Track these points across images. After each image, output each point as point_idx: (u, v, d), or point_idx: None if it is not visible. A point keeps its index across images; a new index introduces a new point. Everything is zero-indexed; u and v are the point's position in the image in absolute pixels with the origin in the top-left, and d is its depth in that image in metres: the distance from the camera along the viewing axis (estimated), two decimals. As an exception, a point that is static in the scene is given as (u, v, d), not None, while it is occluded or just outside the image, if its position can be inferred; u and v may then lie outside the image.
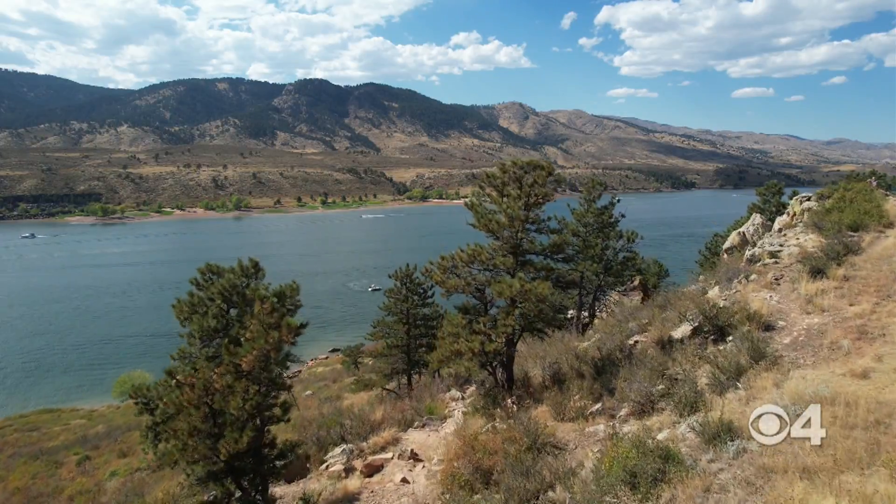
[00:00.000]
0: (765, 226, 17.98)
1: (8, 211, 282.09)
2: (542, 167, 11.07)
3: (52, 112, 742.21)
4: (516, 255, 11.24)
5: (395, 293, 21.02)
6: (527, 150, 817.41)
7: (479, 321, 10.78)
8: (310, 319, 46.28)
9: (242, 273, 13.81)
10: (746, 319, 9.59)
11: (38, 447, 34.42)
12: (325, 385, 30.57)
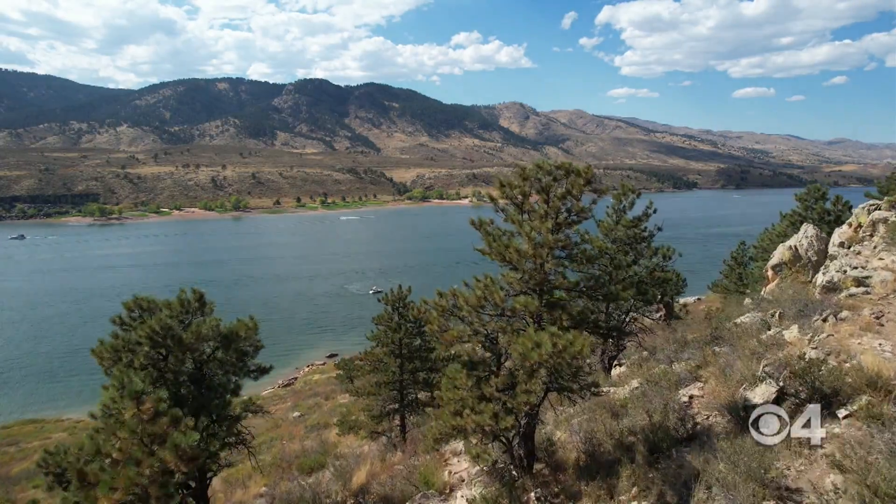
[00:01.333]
0: (820, 238, 15.32)
1: (5, 211, 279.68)
2: (577, 172, 8.16)
3: (51, 112, 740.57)
4: (542, 293, 8.45)
5: (385, 320, 17.81)
6: (527, 151, 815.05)
7: (489, 381, 7.98)
8: (308, 323, 44.38)
9: (182, 309, 11.10)
10: (866, 385, 6.91)
11: (6, 471, 32.01)
12: (315, 404, 28.04)
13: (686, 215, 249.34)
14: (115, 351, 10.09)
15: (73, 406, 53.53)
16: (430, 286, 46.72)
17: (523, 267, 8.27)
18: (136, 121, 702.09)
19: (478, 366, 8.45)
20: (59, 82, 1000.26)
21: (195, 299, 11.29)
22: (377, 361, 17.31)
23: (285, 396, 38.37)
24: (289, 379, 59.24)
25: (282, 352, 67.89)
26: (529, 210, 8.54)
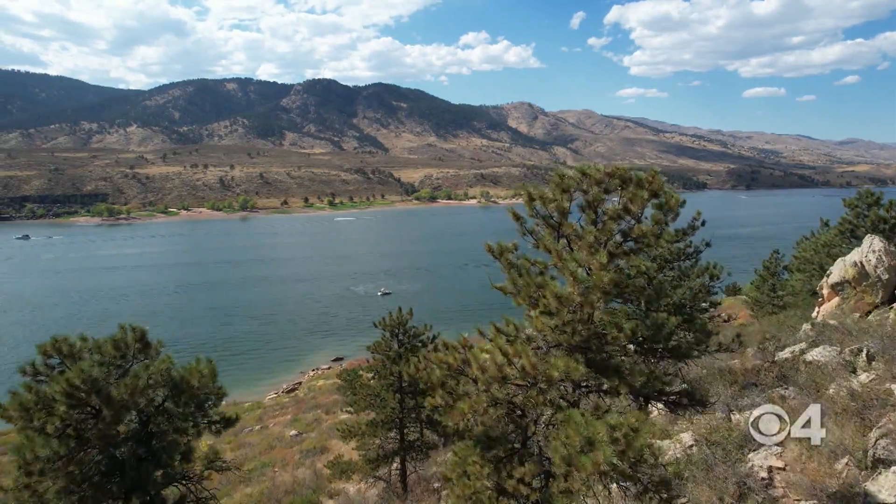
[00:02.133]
0: (889, 252, 13.11)
1: (15, 211, 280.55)
2: (638, 181, 5.87)
3: (62, 112, 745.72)
4: (589, 351, 6.27)
5: (382, 348, 15.66)
6: (536, 151, 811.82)
7: (513, 468, 5.78)
8: (313, 326, 42.61)
9: (117, 353, 8.85)
10: None
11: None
12: (315, 419, 26.23)
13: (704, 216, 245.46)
14: (26, 409, 7.78)
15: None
16: (439, 289, 45.65)
17: (563, 317, 6.12)
18: (145, 121, 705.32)
19: (497, 443, 6.23)
20: (71, 83, 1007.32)
21: (135, 339, 9.18)
22: (374, 396, 15.09)
23: (287, 406, 36.52)
24: (293, 384, 57.56)
25: (286, 355, 66.33)
26: (570, 234, 6.39)
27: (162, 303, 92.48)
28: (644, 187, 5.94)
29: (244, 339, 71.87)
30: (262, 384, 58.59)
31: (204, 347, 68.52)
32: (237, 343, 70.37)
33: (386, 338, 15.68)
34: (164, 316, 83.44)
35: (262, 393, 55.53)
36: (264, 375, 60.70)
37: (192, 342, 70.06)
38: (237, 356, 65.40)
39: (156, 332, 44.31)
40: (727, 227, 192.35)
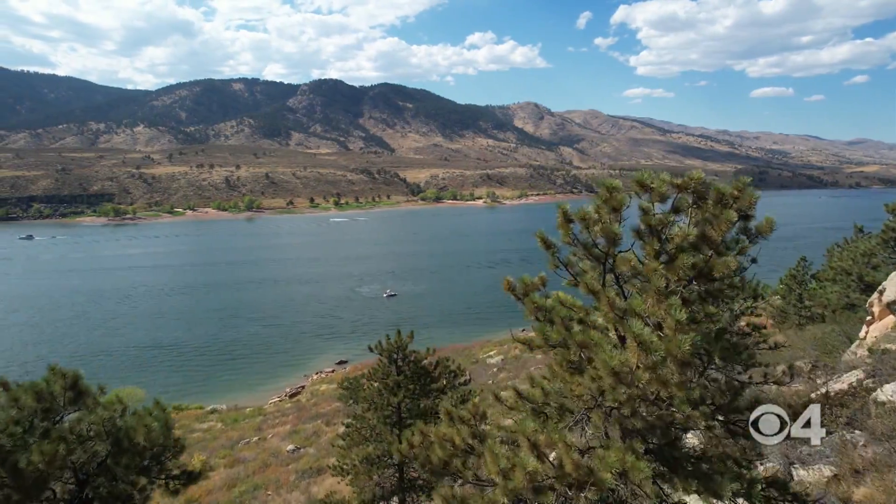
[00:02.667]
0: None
1: (22, 211, 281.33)
2: (720, 195, 4.09)
3: (71, 113, 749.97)
4: (653, 436, 4.27)
5: (379, 376, 14.05)
6: (542, 151, 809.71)
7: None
8: (317, 328, 41.51)
9: (39, 405, 7.06)
10: None
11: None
12: (314, 431, 24.96)
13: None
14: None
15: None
16: (445, 291, 44.26)
17: (618, 396, 4.39)
18: (152, 121, 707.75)
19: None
20: (79, 83, 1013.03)
21: (64, 387, 7.51)
22: (369, 430, 13.53)
23: (288, 412, 35.26)
24: (296, 387, 56.39)
25: (290, 358, 65.19)
26: (624, 272, 4.82)
27: (165, 304, 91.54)
28: (729, 205, 4.44)
29: (247, 342, 70.78)
30: (265, 388, 57.45)
31: (207, 350, 67.70)
32: (240, 345, 69.30)
33: (383, 364, 14.17)
34: (167, 317, 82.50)
35: (264, 397, 54.42)
36: (267, 379, 59.58)
37: (195, 344, 69.16)
38: (240, 359, 64.38)
39: (159, 333, 44.15)
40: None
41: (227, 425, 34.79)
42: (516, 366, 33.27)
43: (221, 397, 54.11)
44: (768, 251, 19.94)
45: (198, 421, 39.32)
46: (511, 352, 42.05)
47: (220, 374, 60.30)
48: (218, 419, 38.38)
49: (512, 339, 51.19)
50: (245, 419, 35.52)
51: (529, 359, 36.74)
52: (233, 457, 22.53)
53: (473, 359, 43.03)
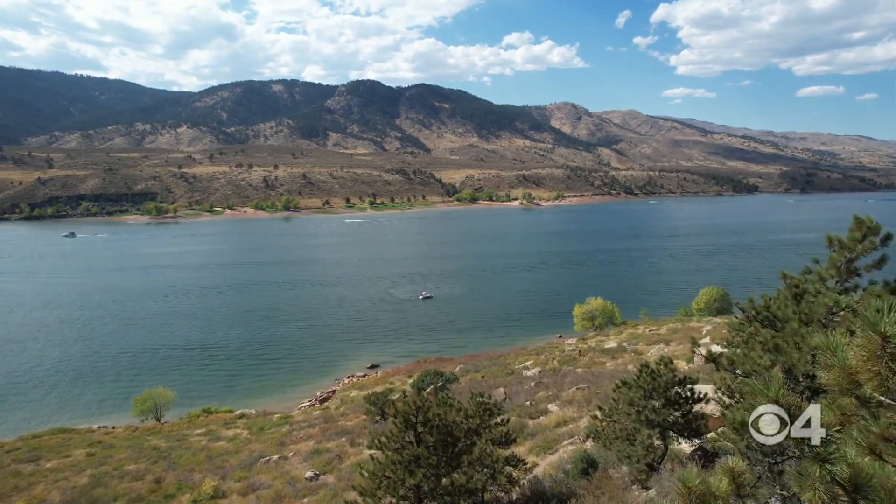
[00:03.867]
0: None
1: (71, 209, 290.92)
2: None
3: (119, 114, 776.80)
4: None
5: (393, 443, 10.52)
6: (579, 152, 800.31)
7: None
8: (350, 330, 40.18)
9: None
10: None
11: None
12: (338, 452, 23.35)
13: (750, 220, 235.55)
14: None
15: (105, 413, 51.36)
16: (480, 294, 42.13)
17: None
18: (195, 122, 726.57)
19: None
20: (128, 86, 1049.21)
21: None
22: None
23: (314, 423, 33.82)
24: (327, 392, 55.28)
25: (322, 362, 64.17)
26: None
27: (201, 303, 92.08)
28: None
29: (280, 344, 70.21)
30: (296, 391, 56.54)
31: (240, 351, 67.17)
32: (273, 347, 68.74)
33: (398, 426, 10.71)
34: (202, 317, 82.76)
35: (295, 400, 53.48)
36: (298, 382, 58.70)
37: (228, 345, 68.82)
38: (272, 362, 63.70)
39: (193, 333, 43.21)
40: (789, 233, 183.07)
41: (252, 433, 33.63)
42: (554, 379, 31.14)
43: (252, 400, 53.39)
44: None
45: (225, 426, 38.33)
46: (549, 363, 39.89)
47: (252, 377, 59.70)
48: (245, 425, 37.31)
49: (546, 347, 48.13)
50: (271, 427, 34.30)
51: (568, 371, 34.55)
52: (248, 481, 21.13)
53: (509, 369, 40.99)
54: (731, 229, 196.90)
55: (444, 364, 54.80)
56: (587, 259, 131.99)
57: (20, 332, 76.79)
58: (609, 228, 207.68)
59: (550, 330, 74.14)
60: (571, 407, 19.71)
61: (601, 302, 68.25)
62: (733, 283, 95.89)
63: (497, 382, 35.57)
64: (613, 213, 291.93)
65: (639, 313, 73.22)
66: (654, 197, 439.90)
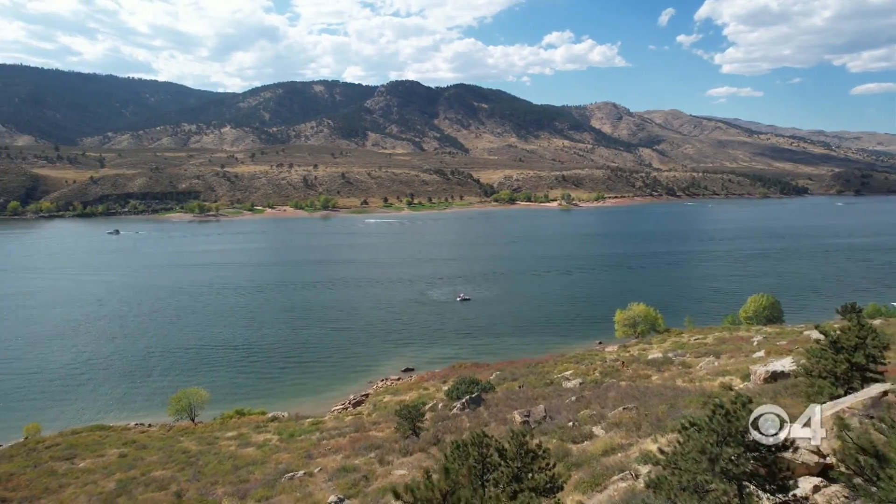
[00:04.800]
0: None
1: (120, 207, 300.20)
2: None
3: (167, 115, 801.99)
4: None
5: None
6: (620, 152, 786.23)
7: None
8: (386, 332, 39.24)
9: None
10: None
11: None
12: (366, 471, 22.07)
13: (796, 224, 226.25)
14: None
15: (143, 410, 51.76)
16: (518, 297, 40.28)
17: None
18: (238, 122, 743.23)
19: None
20: (176, 88, 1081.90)
21: None
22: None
23: (345, 430, 32.76)
24: (360, 395, 54.40)
25: (356, 364, 63.42)
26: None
27: (238, 302, 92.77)
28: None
29: (315, 345, 69.83)
30: (329, 394, 55.89)
31: (275, 351, 66.88)
32: (308, 348, 68.40)
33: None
34: (238, 316, 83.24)
35: (328, 403, 52.80)
36: (332, 384, 58.05)
37: (264, 345, 68.69)
38: (307, 363, 63.27)
39: (230, 331, 42.78)
40: (843, 237, 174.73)
41: (282, 440, 32.82)
42: (597, 393, 29.30)
43: (285, 402, 52.94)
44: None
45: (256, 430, 37.71)
46: (590, 374, 37.92)
47: (287, 378, 59.33)
48: (276, 430, 36.59)
49: (586, 355, 46.14)
50: (301, 434, 33.42)
51: (611, 385, 32.62)
52: (268, 502, 20.01)
53: (547, 379, 39.18)
54: (780, 233, 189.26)
55: (480, 370, 53.24)
56: (628, 262, 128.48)
57: (66, 327, 78.63)
58: (651, 231, 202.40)
59: (590, 336, 71.85)
60: (619, 431, 18.00)
61: (643, 308, 65.59)
62: (784, 290, 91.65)
63: (535, 394, 33.89)
64: (655, 215, 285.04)
65: (683, 321, 70.30)
66: (698, 199, 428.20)
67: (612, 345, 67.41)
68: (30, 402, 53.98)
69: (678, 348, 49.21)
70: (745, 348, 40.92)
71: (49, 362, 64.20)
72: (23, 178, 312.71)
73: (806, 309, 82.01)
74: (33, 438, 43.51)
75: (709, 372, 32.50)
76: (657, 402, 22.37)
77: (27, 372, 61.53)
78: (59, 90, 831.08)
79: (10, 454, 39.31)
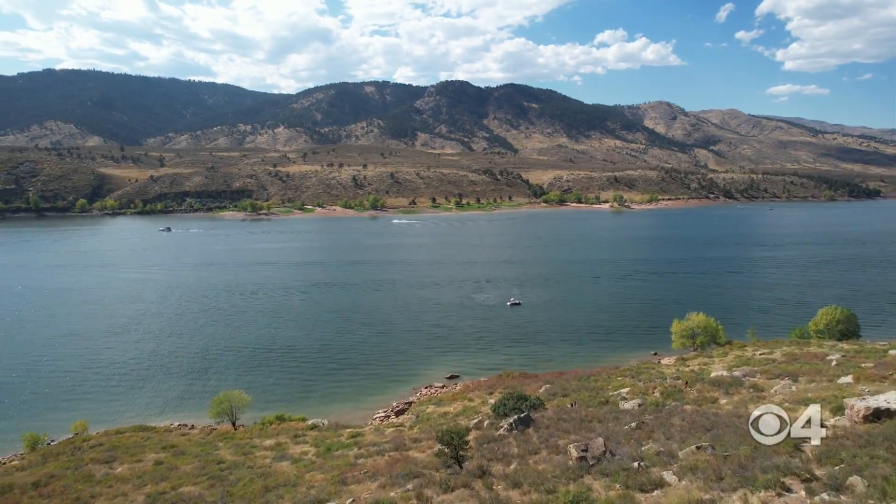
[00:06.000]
0: None
1: (177, 205, 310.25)
2: None
3: (224, 116, 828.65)
4: None
5: None
6: (674, 153, 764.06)
7: None
8: (431, 336, 36.44)
9: None
10: None
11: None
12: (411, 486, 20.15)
13: (868, 229, 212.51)
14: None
15: (186, 410, 51.36)
16: (570, 303, 36.31)
17: None
18: (291, 122, 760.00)
19: None
20: (233, 90, 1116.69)
21: None
22: None
23: (384, 448, 30.74)
24: (403, 403, 52.52)
25: (400, 369, 61.61)
26: None
27: (283, 302, 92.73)
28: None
29: (359, 348, 68.45)
30: (372, 399, 54.22)
31: (318, 354, 65.62)
32: (352, 352, 67.08)
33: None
34: (283, 317, 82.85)
35: (370, 409, 51.22)
36: (375, 390, 56.39)
37: (307, 347, 67.64)
38: (350, 368, 61.82)
39: (274, 333, 41.20)
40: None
41: (318, 454, 31.19)
42: (659, 419, 26.28)
43: (327, 407, 51.65)
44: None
45: (294, 439, 36.30)
46: (649, 393, 34.72)
47: (329, 382, 58.03)
48: (314, 440, 35.03)
49: (642, 368, 42.45)
50: (339, 449, 31.69)
51: (674, 409, 29.44)
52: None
53: (602, 397, 36.16)
54: (851, 238, 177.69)
55: (528, 381, 50.54)
56: (684, 268, 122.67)
57: (117, 324, 79.98)
58: (708, 235, 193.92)
59: (644, 346, 68.04)
60: (695, 479, 15.27)
61: (703, 318, 61.19)
62: (857, 301, 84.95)
63: (589, 414, 31.07)
64: (712, 218, 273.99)
65: (745, 332, 65.61)
66: (757, 202, 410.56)
67: (669, 356, 63.42)
68: (79, 398, 54.54)
69: (743, 364, 45.24)
70: (825, 370, 36.76)
71: (98, 359, 65.05)
72: (90, 177, 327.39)
73: (886, 324, 75.59)
74: (80, 437, 43.65)
75: (786, 398, 28.99)
76: (734, 437, 19.40)
77: (79, 369, 62.48)
78: (127, 93, 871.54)
79: (57, 452, 39.29)
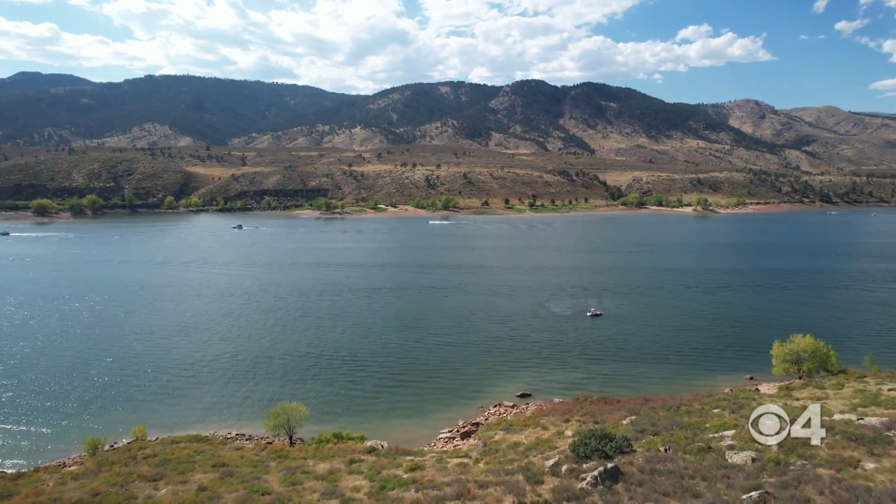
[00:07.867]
0: None
1: (255, 203, 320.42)
2: None
3: (304, 117, 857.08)
4: None
5: None
6: (762, 154, 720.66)
7: None
8: (501, 349, 31.30)
9: None
10: None
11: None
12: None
13: None
14: None
15: (245, 419, 49.47)
16: (655, 316, 30.95)
17: None
18: (367, 123, 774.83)
19: None
20: (313, 91, 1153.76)
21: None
22: None
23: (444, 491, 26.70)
24: (470, 423, 48.25)
25: (467, 385, 57.07)
26: None
27: (349, 305, 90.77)
28: None
29: (424, 359, 64.68)
30: (437, 417, 50.33)
31: (380, 365, 61.87)
32: (416, 364, 63.35)
33: None
34: (347, 322, 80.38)
35: (434, 427, 47.46)
36: (440, 406, 52.45)
37: (372, 358, 64.30)
38: (415, 382, 57.90)
39: (337, 338, 36.62)
40: None
41: (371, 493, 27.47)
42: (787, 488, 20.69)
43: (389, 421, 48.31)
44: None
45: (349, 466, 32.93)
46: (768, 448, 28.53)
47: (392, 396, 54.42)
48: (368, 472, 31.43)
49: (740, 397, 35.68)
50: (394, 487, 27.84)
51: (804, 473, 23.46)
52: None
53: (701, 440, 30.26)
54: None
55: (609, 408, 45.02)
56: (780, 281, 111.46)
57: (190, 322, 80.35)
58: (805, 243, 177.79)
59: (738, 369, 60.72)
60: None
61: (811, 341, 53.17)
62: None
63: (689, 466, 25.58)
64: (808, 225, 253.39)
65: (861, 359, 57.10)
66: (859, 206, 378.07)
67: (768, 382, 55.90)
68: (146, 399, 53.93)
69: (870, 403, 37.85)
70: None
71: (162, 361, 64.70)
72: (178, 176, 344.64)
73: None
74: (137, 444, 42.76)
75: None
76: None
77: (148, 369, 62.24)
78: (216, 96, 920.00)
79: (112, 460, 38.13)
